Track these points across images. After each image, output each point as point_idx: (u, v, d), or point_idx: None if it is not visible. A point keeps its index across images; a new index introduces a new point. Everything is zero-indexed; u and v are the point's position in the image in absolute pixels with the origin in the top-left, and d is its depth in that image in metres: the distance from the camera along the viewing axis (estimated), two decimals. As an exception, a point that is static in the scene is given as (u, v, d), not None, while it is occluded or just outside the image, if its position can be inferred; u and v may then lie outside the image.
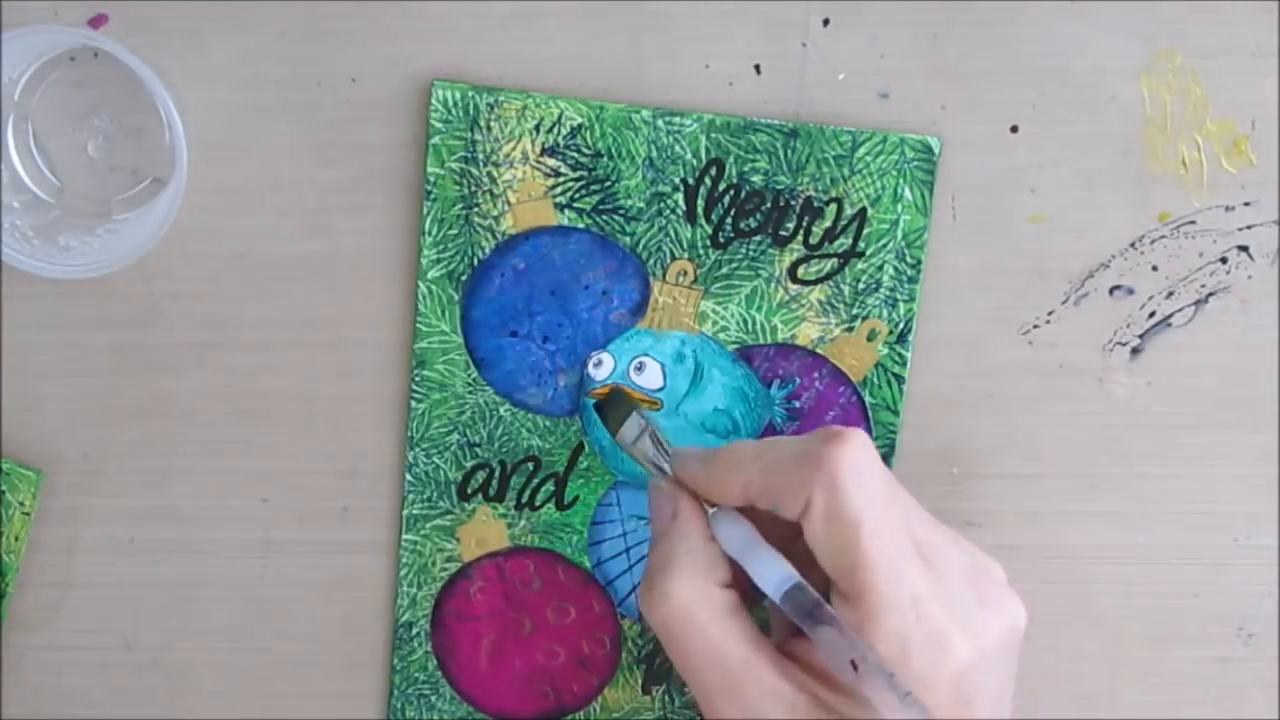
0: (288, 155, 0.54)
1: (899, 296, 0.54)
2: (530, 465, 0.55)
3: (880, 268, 0.54)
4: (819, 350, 0.55)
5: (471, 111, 0.53)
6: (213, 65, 0.54)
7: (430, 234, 0.54)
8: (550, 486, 0.55)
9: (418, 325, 0.55)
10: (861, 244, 0.54)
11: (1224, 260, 0.55)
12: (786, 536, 0.47)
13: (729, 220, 0.54)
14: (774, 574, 0.46)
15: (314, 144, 0.54)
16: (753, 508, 0.48)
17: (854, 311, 0.54)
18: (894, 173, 0.54)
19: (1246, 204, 0.55)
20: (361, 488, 0.56)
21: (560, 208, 0.54)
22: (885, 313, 0.54)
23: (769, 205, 0.54)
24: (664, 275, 0.54)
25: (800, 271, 0.54)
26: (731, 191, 0.54)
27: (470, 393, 0.55)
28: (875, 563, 0.45)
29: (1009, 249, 0.55)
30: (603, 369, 0.55)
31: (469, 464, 0.55)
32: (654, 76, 0.54)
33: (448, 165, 0.54)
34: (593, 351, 0.55)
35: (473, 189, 0.54)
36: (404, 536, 0.56)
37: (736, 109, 0.54)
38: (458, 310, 0.55)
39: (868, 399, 0.55)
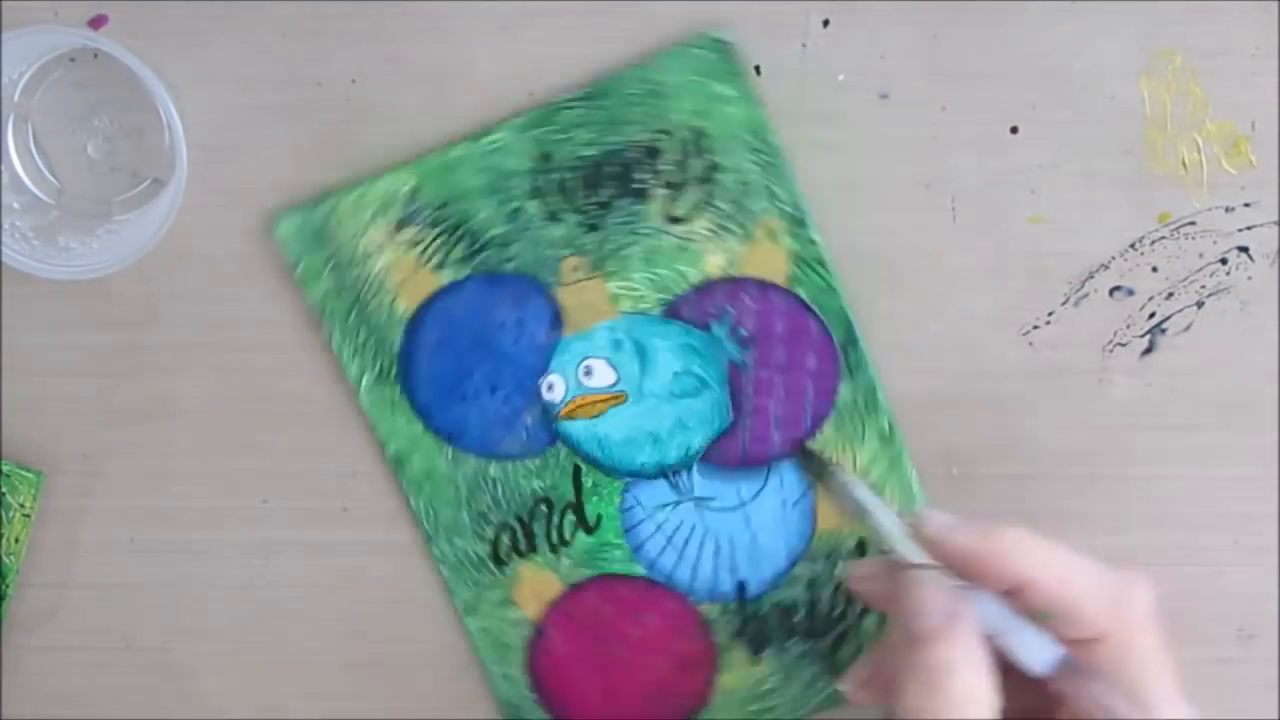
0: (288, 155, 0.54)
1: (773, 185, 0.54)
2: (543, 507, 0.55)
3: (741, 169, 0.54)
4: (733, 273, 0.54)
5: (316, 227, 0.54)
6: (213, 65, 0.54)
7: (344, 353, 0.54)
8: (571, 517, 0.55)
9: (378, 435, 0.55)
10: (712, 157, 0.54)
11: (1224, 261, 0.55)
12: None
13: (587, 200, 0.54)
14: (1043, 649, 0.46)
15: (314, 144, 0.54)
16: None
17: (742, 220, 0.54)
18: (700, 78, 0.53)
19: (1246, 205, 0.54)
20: (361, 488, 0.56)
21: (439, 268, 0.54)
22: (771, 207, 0.54)
23: (612, 168, 0.54)
24: (560, 279, 0.54)
25: (676, 211, 0.54)
26: (572, 173, 0.54)
27: (455, 468, 0.55)
28: (1165, 699, 0.46)
29: (1009, 249, 0.55)
30: (556, 390, 0.55)
31: (489, 533, 0.55)
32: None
33: (323, 284, 0.54)
34: (539, 379, 0.55)
35: (355, 293, 0.54)
36: (467, 622, 0.56)
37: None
38: (405, 403, 0.55)
39: (802, 294, 0.54)
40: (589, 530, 0.55)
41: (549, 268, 0.54)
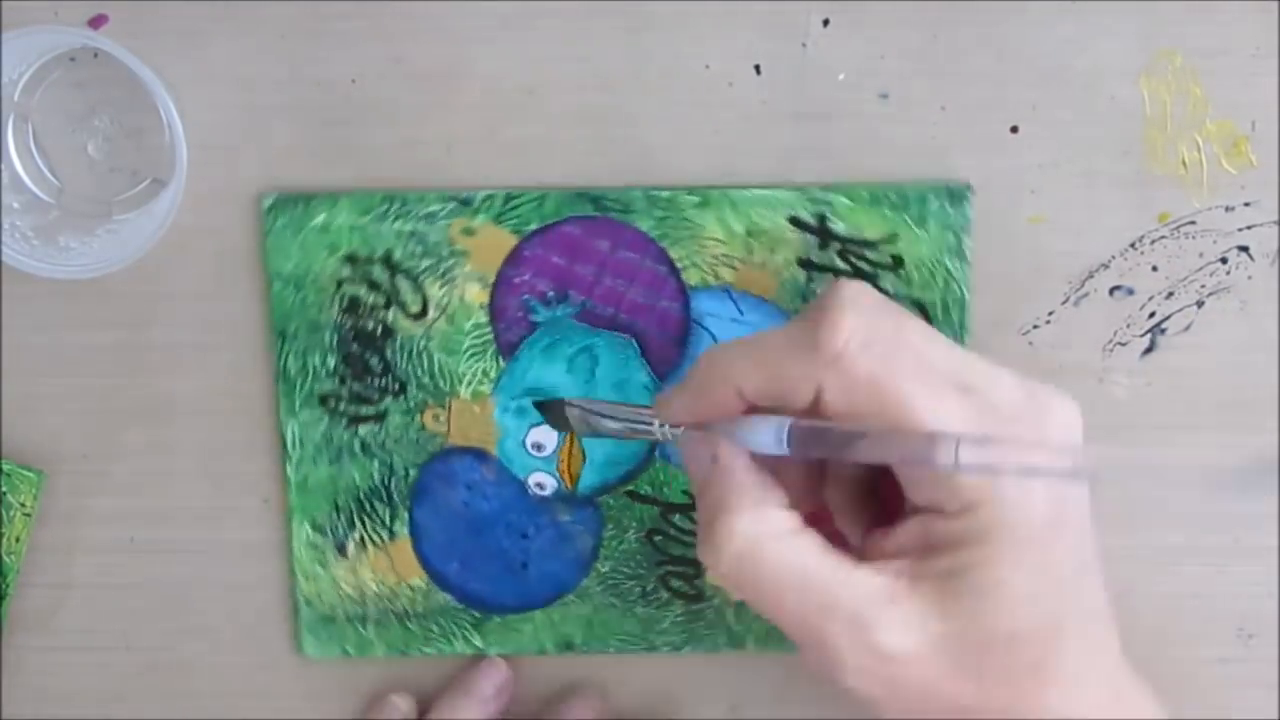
0: (288, 155, 0.54)
1: (420, 210, 0.54)
2: (660, 537, 0.55)
3: (399, 239, 0.54)
4: (489, 279, 0.54)
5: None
6: (213, 65, 0.54)
7: (419, 649, 0.56)
8: (679, 518, 0.55)
9: (521, 653, 0.56)
10: (377, 265, 0.54)
11: (1224, 261, 0.55)
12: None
13: (373, 387, 0.54)
14: (769, 426, 0.45)
15: (314, 144, 0.54)
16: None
17: (443, 255, 0.54)
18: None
19: (1246, 204, 0.54)
20: (361, 488, 0.56)
21: (391, 537, 0.55)
22: (442, 220, 0.54)
23: (350, 353, 0.54)
24: (442, 434, 0.55)
25: (413, 310, 0.54)
26: (337, 396, 0.55)
27: (589, 602, 0.56)
28: (912, 418, 0.43)
29: (1009, 249, 0.55)
30: (546, 484, 0.55)
31: (663, 592, 0.56)
32: (654, 76, 0.54)
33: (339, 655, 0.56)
34: (529, 495, 0.55)
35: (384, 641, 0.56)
36: (749, 645, 0.56)
37: (736, 109, 0.54)
38: (505, 623, 0.56)
39: (532, 226, 0.54)
40: (694, 506, 0.55)
41: (426, 441, 0.55)
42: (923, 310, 0.54)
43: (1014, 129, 0.54)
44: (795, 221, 0.54)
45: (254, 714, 0.57)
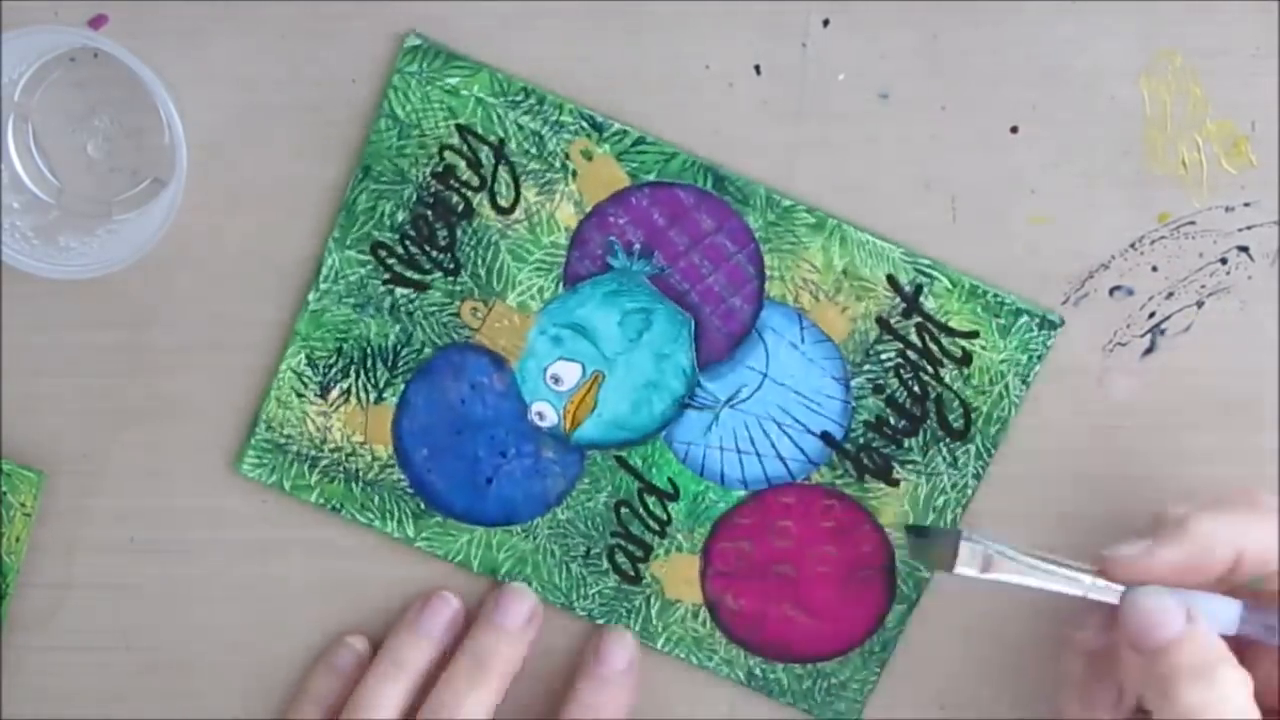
0: (288, 155, 0.54)
1: (550, 115, 0.54)
2: (624, 509, 0.56)
3: (501, 127, 0.54)
4: (586, 208, 0.54)
5: (268, 443, 0.55)
6: (213, 65, 0.54)
7: (376, 523, 0.56)
8: (652, 498, 0.55)
9: (464, 565, 0.56)
10: (485, 138, 0.54)
11: (1224, 261, 0.55)
12: None
13: (431, 252, 0.54)
14: (1229, 604, 0.48)
15: (314, 144, 0.54)
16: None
17: (554, 163, 0.54)
18: (426, 87, 0.53)
19: (1246, 204, 0.54)
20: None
21: (379, 400, 0.55)
22: (565, 135, 0.54)
23: (428, 211, 0.54)
24: (471, 328, 0.55)
25: (502, 203, 0.54)
26: (404, 241, 0.54)
27: (533, 539, 0.56)
28: None
29: (1009, 249, 0.55)
30: (546, 415, 0.55)
31: (604, 564, 0.56)
32: (654, 76, 0.54)
33: (314, 484, 0.56)
34: (525, 419, 0.55)
35: (341, 470, 0.55)
36: (660, 645, 0.56)
37: (736, 109, 0.54)
38: (451, 521, 0.55)
39: (651, 177, 0.54)
40: (673, 497, 0.55)
41: (455, 328, 0.55)
42: (967, 413, 0.54)
43: (1014, 129, 0.54)
44: (892, 280, 0.54)
45: (254, 714, 0.57)
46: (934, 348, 0.54)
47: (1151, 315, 0.55)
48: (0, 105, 0.54)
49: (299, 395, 0.55)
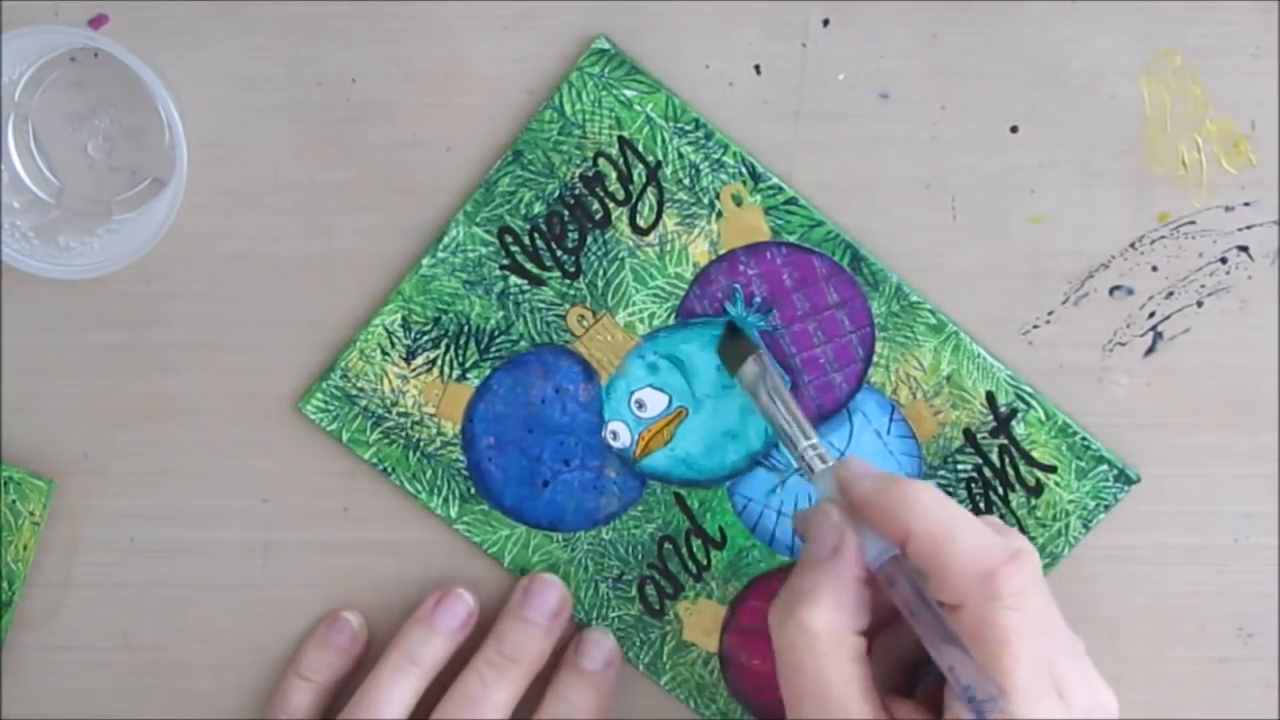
0: (288, 155, 0.54)
1: (714, 156, 0.54)
2: (668, 545, 0.56)
3: (679, 156, 0.54)
4: (720, 251, 0.54)
5: (337, 393, 0.55)
6: (213, 65, 0.54)
7: (421, 495, 0.55)
8: (697, 541, 0.56)
9: (493, 555, 0.56)
10: (647, 157, 0.54)
11: (1224, 260, 0.55)
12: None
13: (558, 252, 0.54)
14: (882, 544, 0.46)
15: (314, 144, 0.54)
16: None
17: (703, 200, 0.54)
18: (600, 92, 0.53)
19: (1246, 204, 0.54)
20: (362, 487, 0.56)
21: (461, 378, 0.55)
22: (722, 176, 0.54)
23: (566, 211, 0.54)
24: (573, 334, 0.55)
25: (641, 222, 0.54)
26: (534, 234, 0.54)
27: (572, 550, 0.56)
28: (1013, 687, 0.44)
29: (1009, 249, 0.55)
30: (620, 436, 0.55)
31: (632, 591, 0.56)
32: (655, 76, 0.54)
33: (372, 441, 0.55)
34: (600, 433, 0.55)
35: (404, 435, 0.55)
36: (663, 682, 0.56)
37: (736, 108, 0.54)
38: (496, 513, 0.55)
39: (792, 239, 0.54)
40: (719, 545, 0.56)
41: (557, 329, 0.55)
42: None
43: (1014, 129, 0.54)
44: (990, 397, 0.54)
45: (254, 714, 0.57)
46: (1011, 472, 0.55)
47: (1151, 315, 0.55)
48: (0, 105, 0.54)
49: (384, 353, 0.55)
